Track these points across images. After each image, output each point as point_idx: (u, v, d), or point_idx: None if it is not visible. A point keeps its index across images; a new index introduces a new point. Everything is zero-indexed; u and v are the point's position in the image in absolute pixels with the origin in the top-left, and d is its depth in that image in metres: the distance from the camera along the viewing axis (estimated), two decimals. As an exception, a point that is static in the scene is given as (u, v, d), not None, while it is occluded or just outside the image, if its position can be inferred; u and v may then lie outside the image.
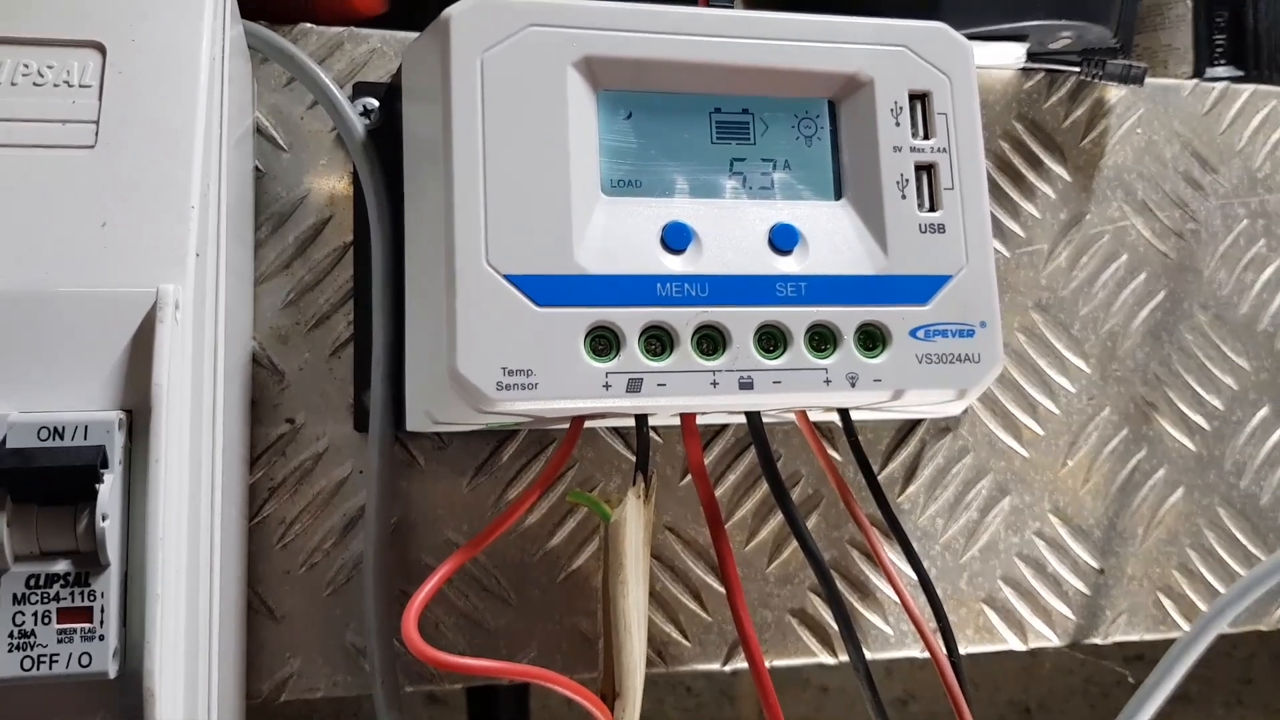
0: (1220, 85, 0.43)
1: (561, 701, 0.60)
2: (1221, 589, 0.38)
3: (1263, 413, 0.40)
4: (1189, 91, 0.42)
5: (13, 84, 0.23)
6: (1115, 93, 0.41)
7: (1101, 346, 0.39)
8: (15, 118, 0.23)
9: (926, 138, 0.31)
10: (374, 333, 0.31)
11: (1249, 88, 0.43)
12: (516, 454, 0.33)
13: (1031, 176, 0.40)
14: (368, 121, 0.33)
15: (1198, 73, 0.45)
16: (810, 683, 0.63)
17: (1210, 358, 0.40)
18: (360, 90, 0.33)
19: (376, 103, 0.33)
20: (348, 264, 0.33)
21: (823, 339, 0.29)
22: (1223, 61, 0.45)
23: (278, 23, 0.33)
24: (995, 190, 0.39)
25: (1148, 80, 0.42)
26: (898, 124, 0.30)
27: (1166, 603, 0.38)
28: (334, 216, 0.33)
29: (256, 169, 0.33)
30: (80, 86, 0.24)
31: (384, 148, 0.32)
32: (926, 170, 0.30)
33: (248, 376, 0.31)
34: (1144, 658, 0.70)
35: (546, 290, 0.27)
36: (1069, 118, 0.41)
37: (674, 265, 0.28)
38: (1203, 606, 0.38)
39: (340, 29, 0.34)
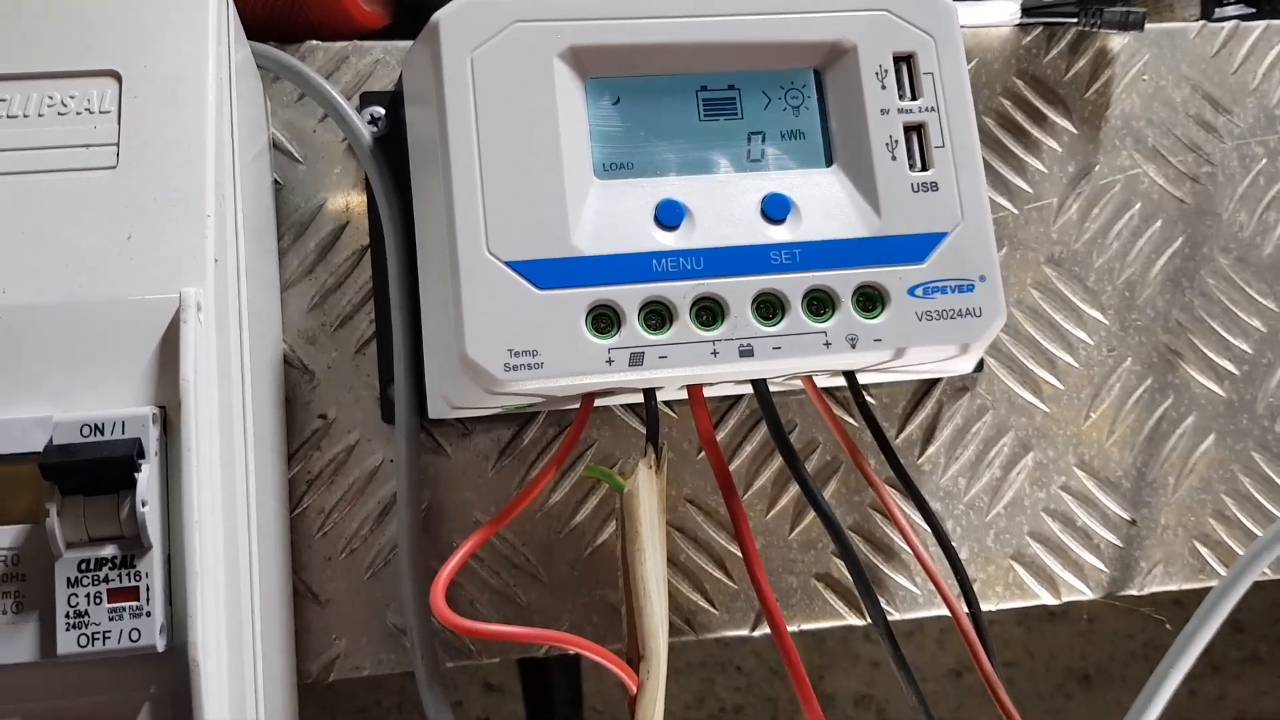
0: (1229, 25, 0.42)
1: (614, 682, 0.61)
2: (1261, 534, 0.38)
3: (1294, 353, 0.40)
4: (1196, 34, 0.42)
5: (40, 115, 0.25)
6: (1118, 41, 0.41)
7: (1119, 297, 0.39)
8: (43, 145, 0.25)
9: (914, 98, 0.31)
10: (393, 328, 0.33)
11: (1261, 24, 0.42)
12: (537, 437, 0.35)
13: (1036, 132, 0.40)
14: (375, 129, 0.34)
15: (1206, 14, 0.45)
16: (861, 658, 0.63)
17: (1235, 301, 0.40)
18: (367, 100, 0.35)
19: (383, 111, 0.35)
20: (366, 266, 0.35)
21: (821, 303, 0.30)
22: (1232, 0, 0.44)
23: (286, 42, 0.35)
24: (999, 147, 0.39)
25: (1151, 25, 0.41)
26: (884, 87, 0.31)
27: (1204, 551, 0.38)
28: (350, 222, 0.35)
29: (276, 182, 0.35)
30: (100, 113, 0.26)
31: (392, 153, 0.34)
32: (916, 130, 0.31)
33: (280, 376, 0.33)
34: (1209, 618, 0.69)
35: (546, 274, 0.28)
36: (1071, 70, 0.40)
37: (668, 241, 0.29)
38: (1242, 553, 0.37)
39: (345, 43, 0.36)
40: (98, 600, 0.22)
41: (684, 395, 0.32)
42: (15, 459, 0.23)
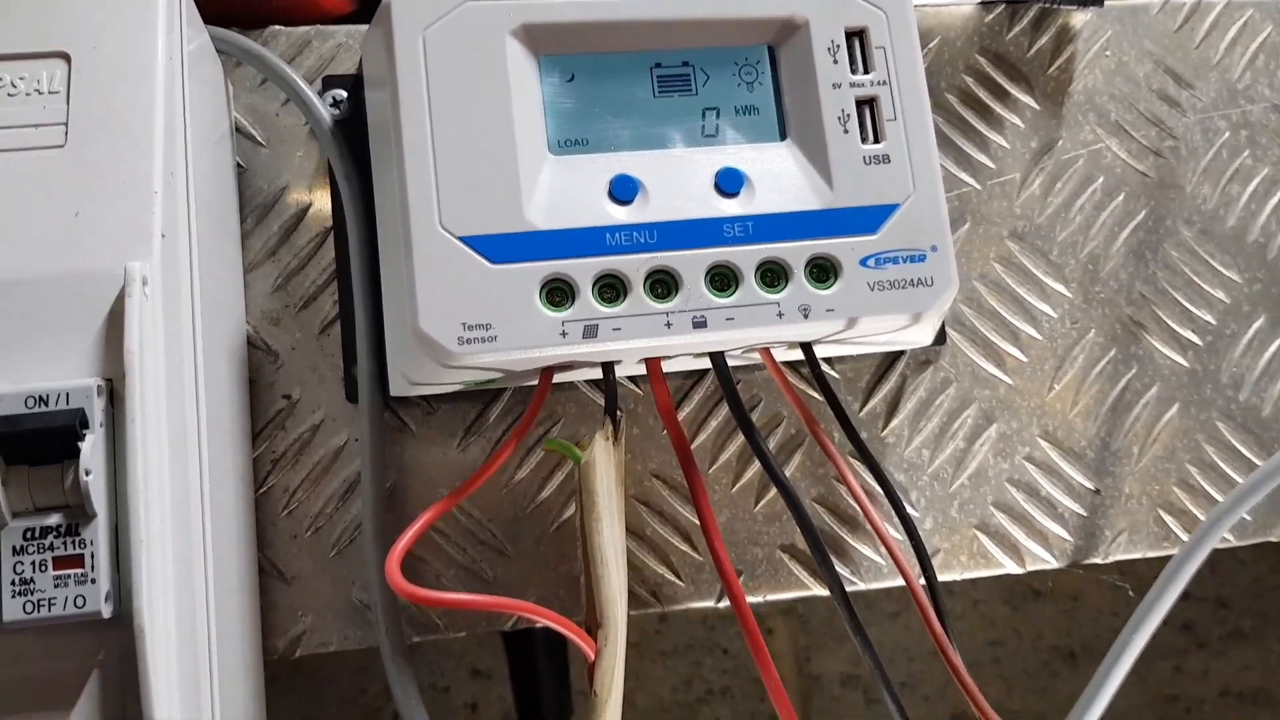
0: (1191, 1, 0.42)
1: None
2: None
3: (1259, 323, 0.40)
4: (1158, 9, 0.42)
5: (-11, 95, 0.26)
6: (1080, 18, 0.41)
7: (1082, 270, 0.39)
8: (-7, 126, 0.26)
9: (866, 72, 0.31)
10: (356, 309, 0.33)
11: (1222, 0, 0.43)
12: (501, 415, 0.35)
13: (999, 108, 0.40)
14: (337, 112, 0.35)
15: (1171, -10, 0.45)
16: (847, 639, 0.63)
17: (1198, 273, 0.40)
18: (329, 84, 0.35)
19: (345, 94, 0.35)
20: (329, 247, 0.35)
21: (774, 275, 0.30)
22: (1197, -24, 0.44)
23: (250, 28, 0.35)
24: (963, 124, 0.40)
25: (1114, 3, 0.42)
26: (835, 61, 0.31)
27: (1168, 519, 0.38)
28: (313, 204, 0.35)
29: (238, 165, 0.35)
30: (50, 93, 0.26)
31: (354, 136, 0.34)
32: (868, 104, 0.31)
33: (243, 357, 0.33)
34: (1190, 596, 0.69)
35: (500, 248, 0.29)
36: (1033, 47, 0.41)
37: (621, 215, 0.29)
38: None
39: (308, 28, 0.36)
40: (43, 568, 0.23)
41: (644, 371, 0.32)
42: None
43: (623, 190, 0.30)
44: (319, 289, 0.35)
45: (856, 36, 0.32)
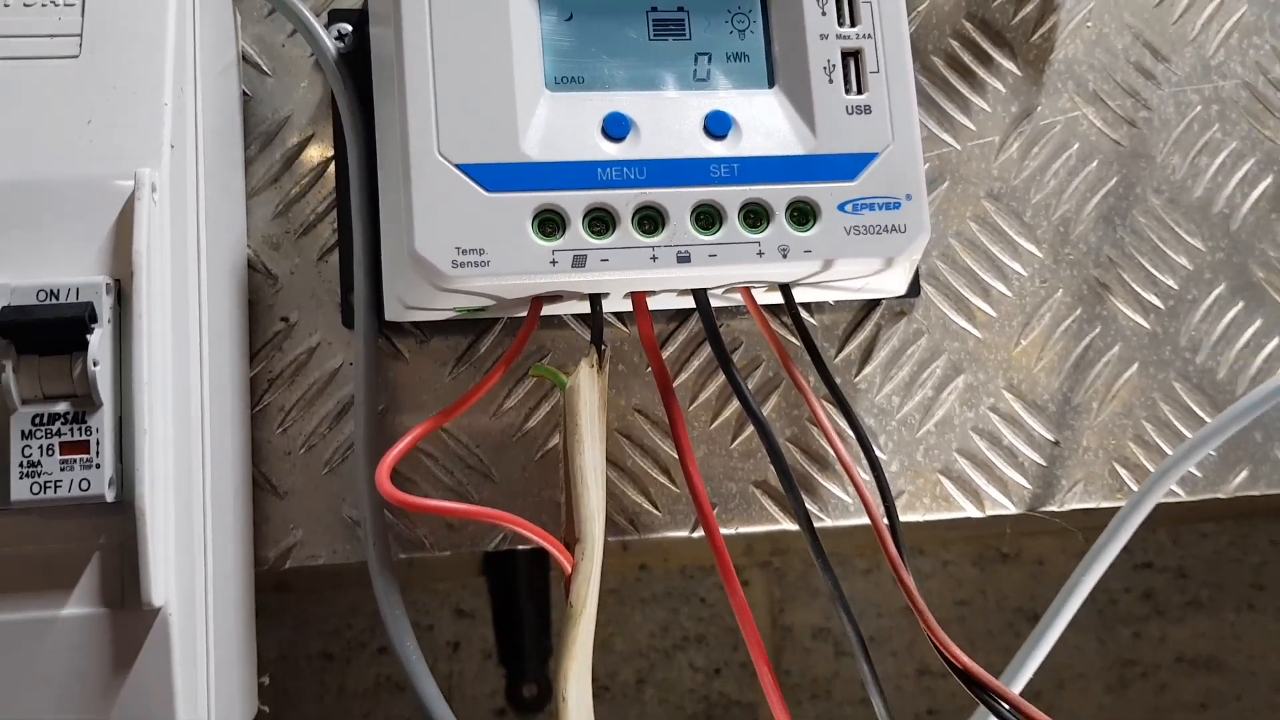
0: (1173, -24, 0.44)
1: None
2: (1178, 459, 0.40)
3: (1219, 290, 0.41)
4: (1141, -17, 0.43)
5: (5, 4, 0.27)
6: (1064, -12, 0.42)
7: (1054, 232, 0.41)
8: (8, 34, 0.27)
9: (853, 25, 0.33)
10: (354, 236, 0.34)
11: (1204, -23, 0.44)
12: (493, 345, 0.36)
13: (982, 72, 0.41)
14: (341, 45, 0.36)
15: (1154, -34, 0.46)
16: (820, 593, 0.65)
17: (1163, 240, 0.41)
18: (335, 17, 0.36)
19: (350, 28, 0.36)
20: (330, 177, 0.36)
21: (756, 215, 0.31)
22: (1180, -46, 0.46)
23: (257, -40, 0.36)
24: (946, 86, 0.41)
25: (1099, -26, 0.43)
26: (824, 14, 0.32)
27: (1123, 472, 0.40)
28: (315, 134, 0.36)
29: (244, 94, 0.36)
30: (65, 5, 0.27)
31: (357, 69, 0.35)
32: (853, 56, 0.32)
33: (243, 279, 0.35)
34: (1152, 565, 0.71)
35: (495, 177, 0.30)
36: (1018, 15, 0.42)
37: (613, 151, 0.31)
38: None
39: (314, -38, 0.37)
40: (50, 452, 0.24)
41: (631, 306, 0.34)
42: None
43: (615, 127, 0.31)
44: (318, 217, 0.36)
45: (845, -9, 0.33)
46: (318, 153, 0.36)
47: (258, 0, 0.36)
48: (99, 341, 0.24)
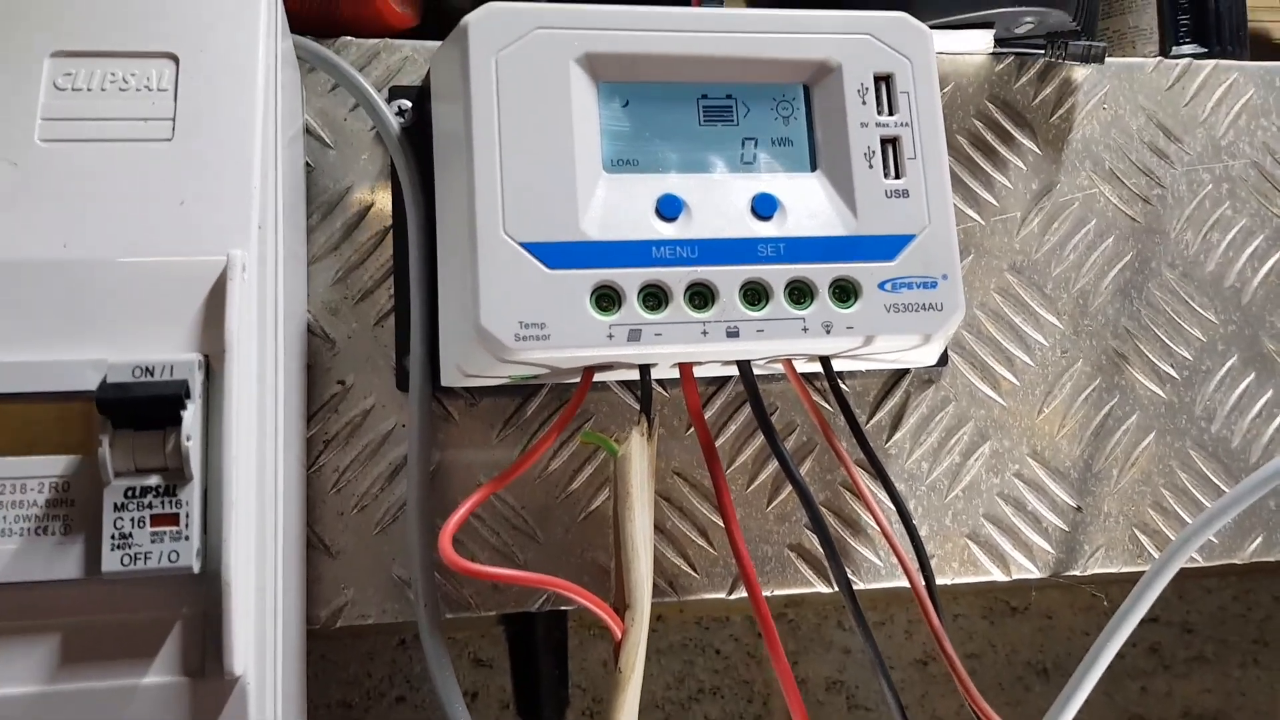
0: (1183, 61, 0.46)
1: (599, 660, 0.63)
2: (1195, 525, 0.41)
3: (1232, 361, 0.43)
4: (1153, 68, 0.46)
5: (103, 89, 0.28)
6: (1081, 72, 0.45)
7: (1073, 304, 0.42)
8: (106, 117, 0.28)
9: (891, 114, 0.34)
10: (411, 303, 0.36)
11: (1211, 62, 0.46)
12: (539, 409, 0.38)
13: (1004, 151, 0.43)
14: (402, 120, 0.37)
15: (1163, 51, 0.49)
16: (834, 645, 0.66)
17: (1178, 312, 0.43)
18: (395, 93, 0.38)
19: (410, 103, 0.38)
20: (388, 245, 0.38)
21: (801, 293, 0.33)
22: (1187, 40, 0.48)
23: (322, 37, 0.38)
24: (970, 164, 0.43)
25: (1113, 59, 0.45)
26: (864, 103, 0.34)
27: (1142, 538, 0.41)
28: (375, 204, 0.38)
29: (307, 164, 0.38)
30: (159, 90, 0.29)
31: (417, 142, 0.37)
32: (891, 143, 0.34)
33: (304, 343, 0.36)
34: (1158, 620, 0.72)
35: (556, 255, 0.31)
36: (1038, 96, 0.44)
37: (667, 231, 0.32)
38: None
39: (377, 40, 0.39)
40: (141, 524, 0.25)
41: (676, 374, 0.35)
42: (71, 396, 0.25)
43: (669, 208, 0.33)
44: (376, 283, 0.37)
45: (884, 81, 0.35)
46: (377, 222, 0.38)
47: (322, 76, 0.38)
48: (191, 417, 0.25)
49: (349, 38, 0.39)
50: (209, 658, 0.26)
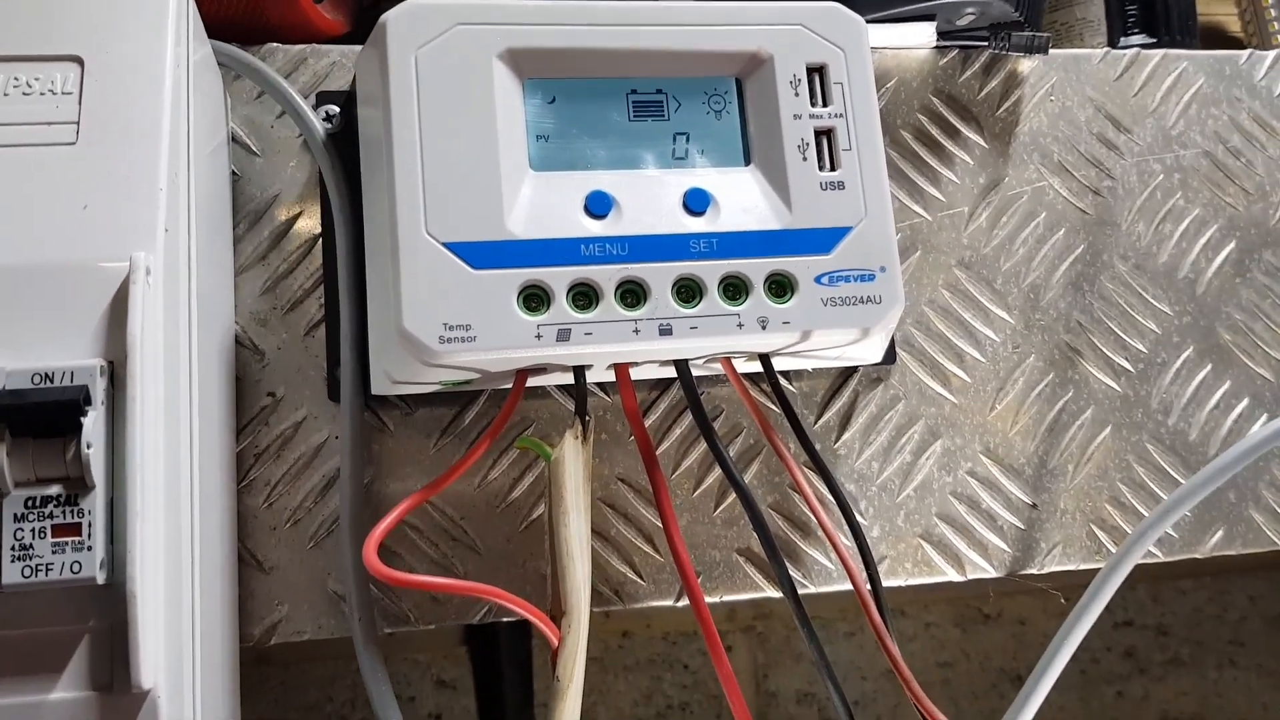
0: (1131, 51, 0.46)
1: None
2: (1154, 519, 0.40)
3: (1187, 353, 0.43)
4: (1100, 59, 0.45)
5: (4, 94, 0.27)
6: (1028, 64, 0.44)
7: (1024, 299, 0.42)
8: (8, 121, 0.27)
9: (825, 105, 0.34)
10: (341, 311, 0.35)
11: (1159, 52, 0.46)
12: (477, 417, 0.37)
13: (950, 145, 0.43)
14: (329, 126, 0.37)
15: (1112, 43, 0.48)
16: (803, 657, 0.65)
17: (1131, 305, 0.43)
18: (323, 99, 0.37)
19: (337, 109, 0.37)
20: (317, 254, 0.37)
21: (735, 289, 0.32)
22: (1135, 30, 0.48)
23: (249, 44, 0.37)
24: (916, 159, 0.42)
25: (1060, 50, 0.45)
26: (797, 95, 0.34)
27: (1100, 534, 0.40)
28: (303, 212, 0.37)
29: (233, 173, 0.37)
30: (63, 94, 0.28)
31: (344, 149, 0.36)
32: (826, 134, 0.34)
33: (230, 355, 0.35)
34: (1133, 624, 0.72)
35: (481, 255, 0.30)
36: (984, 90, 0.44)
37: (596, 229, 0.32)
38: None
39: (304, 46, 0.38)
40: (42, 535, 0.24)
41: (614, 377, 0.34)
42: None
43: (597, 205, 0.32)
44: (305, 293, 0.36)
45: (817, 72, 0.34)
46: (305, 230, 0.37)
47: (247, 83, 0.37)
48: (92, 424, 0.24)
49: (275, 44, 0.38)
50: (118, 671, 0.25)
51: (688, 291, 0.32)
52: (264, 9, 0.38)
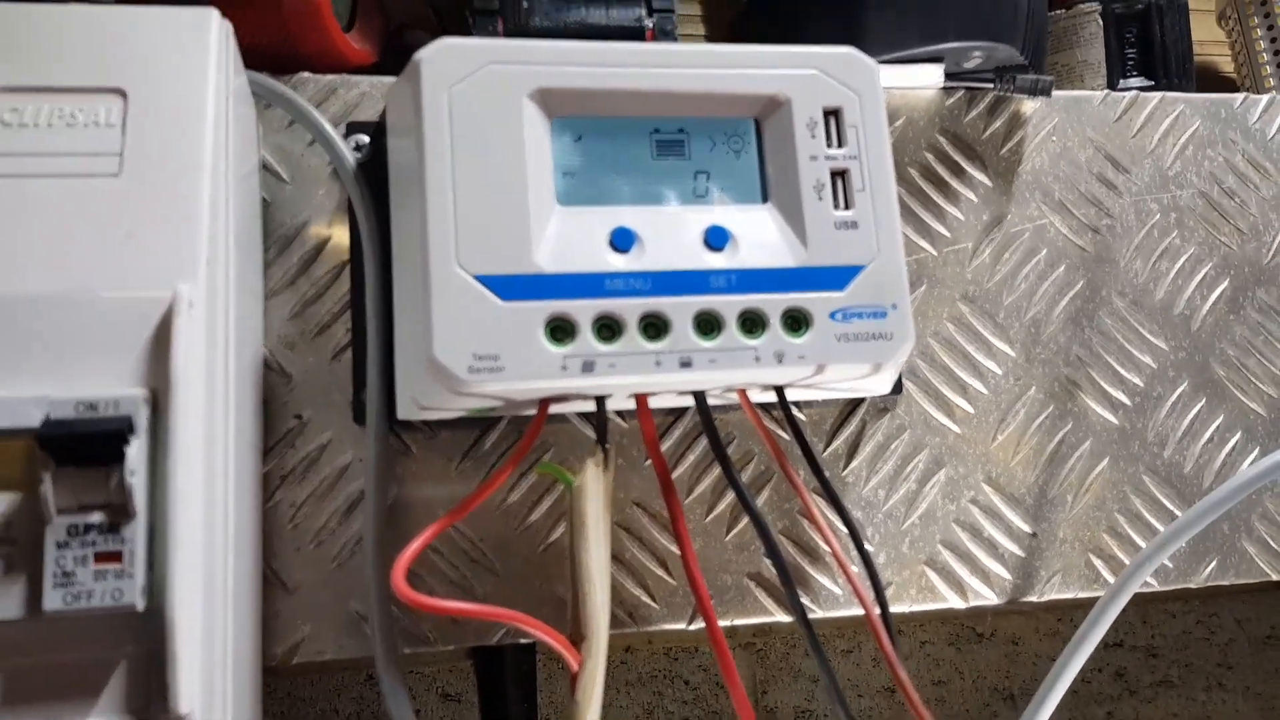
0: (1130, 94, 0.47)
1: (568, 694, 0.63)
2: (1149, 549, 0.42)
3: (1182, 388, 0.44)
4: (1100, 101, 0.47)
5: (50, 125, 0.28)
6: (1030, 105, 0.46)
7: (1025, 332, 0.43)
8: (53, 152, 0.28)
9: (840, 147, 0.35)
10: (368, 337, 0.36)
11: (1158, 95, 0.47)
12: (498, 441, 0.38)
13: (955, 183, 0.44)
14: (359, 155, 0.38)
15: (1111, 85, 0.50)
16: (802, 674, 0.66)
17: (1129, 340, 0.44)
18: (352, 128, 0.38)
19: (367, 139, 0.38)
20: (345, 279, 0.38)
21: (753, 323, 0.33)
22: (1134, 73, 0.50)
23: (280, 73, 0.38)
24: (922, 196, 0.44)
25: (1061, 92, 0.46)
26: (813, 136, 0.35)
27: (1098, 563, 0.41)
28: (332, 238, 0.38)
29: (264, 200, 0.38)
30: (106, 126, 0.29)
31: (373, 177, 0.37)
32: (840, 175, 0.35)
33: (259, 378, 0.36)
34: (1123, 645, 0.73)
35: (510, 287, 0.32)
36: (988, 130, 0.45)
37: (620, 263, 0.33)
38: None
39: (334, 76, 0.39)
40: (84, 562, 0.24)
41: (633, 405, 0.35)
42: (12, 434, 0.25)
43: (622, 241, 0.33)
44: (333, 317, 0.37)
45: (832, 115, 0.35)
46: (334, 256, 0.38)
47: (279, 111, 0.38)
48: (136, 453, 0.25)
49: (306, 73, 0.39)
50: (154, 697, 0.25)
51: (707, 325, 0.33)
52: (296, 39, 0.39)
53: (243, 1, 0.37)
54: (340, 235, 0.38)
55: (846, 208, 0.35)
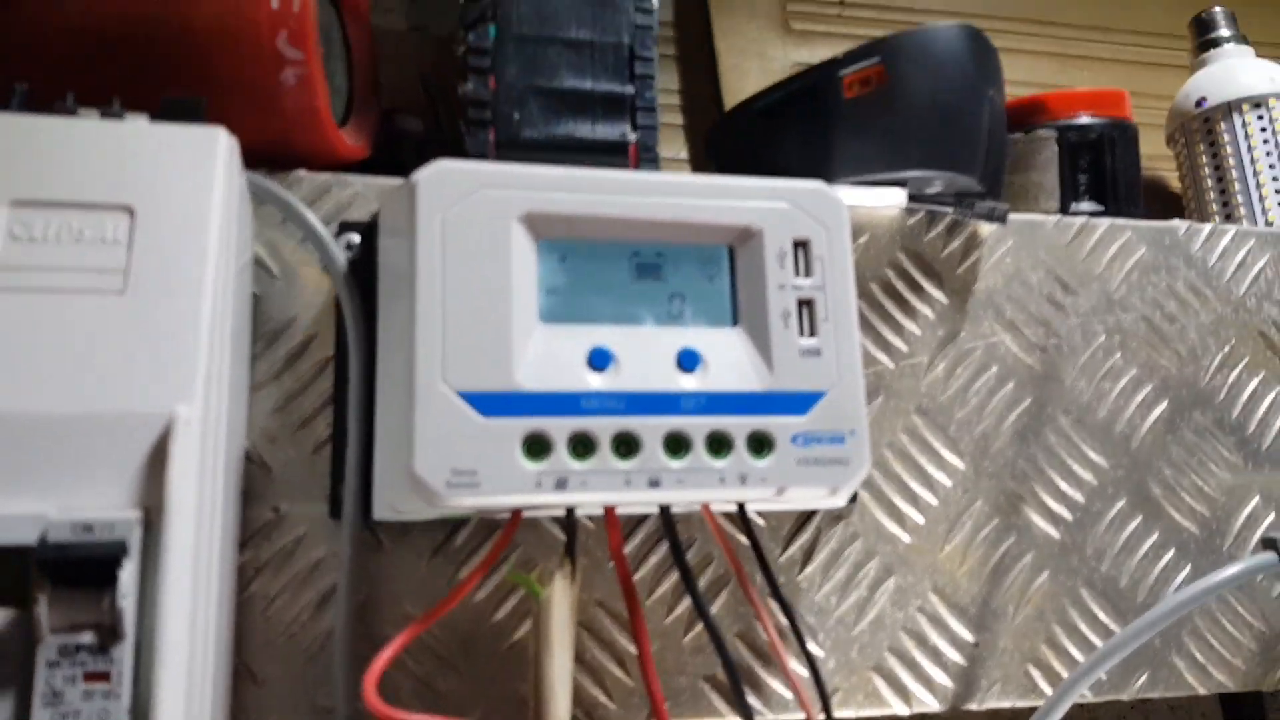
0: (1081, 219, 0.50)
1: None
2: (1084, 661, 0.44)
3: (1120, 504, 0.46)
4: (1053, 225, 0.50)
5: (58, 240, 0.29)
6: (987, 228, 0.48)
7: (975, 446, 0.45)
8: (59, 268, 0.29)
9: (807, 277, 0.37)
10: (349, 435, 0.37)
11: (1107, 221, 0.51)
12: (468, 539, 0.39)
13: (913, 299, 0.47)
14: (349, 254, 0.39)
15: (1063, 207, 0.53)
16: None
17: (1071, 456, 0.47)
18: (345, 227, 0.40)
19: (359, 238, 0.40)
20: (329, 375, 0.39)
21: (719, 444, 0.35)
22: (1086, 197, 0.53)
23: (275, 169, 0.40)
24: (881, 311, 0.46)
25: (1018, 216, 0.49)
26: (782, 266, 0.37)
27: (1035, 673, 0.43)
28: (318, 335, 0.39)
29: (253, 295, 0.39)
30: (113, 242, 0.30)
31: (362, 275, 0.39)
32: (806, 304, 0.37)
33: (240, 471, 0.37)
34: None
35: (490, 404, 0.33)
36: (946, 249, 0.48)
37: (596, 382, 0.34)
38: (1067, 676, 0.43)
39: (328, 175, 0.41)
40: (73, 681, 0.25)
41: (600, 510, 0.37)
42: (7, 550, 0.26)
43: (599, 360, 0.35)
44: (315, 412, 0.39)
45: (801, 246, 0.37)
46: (319, 351, 0.39)
47: (272, 208, 0.40)
48: (129, 576, 0.26)
49: (302, 171, 0.40)
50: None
51: (676, 445, 0.34)
52: (294, 138, 0.40)
53: (246, 104, 0.38)
54: (326, 331, 0.39)
55: (811, 335, 0.37)
